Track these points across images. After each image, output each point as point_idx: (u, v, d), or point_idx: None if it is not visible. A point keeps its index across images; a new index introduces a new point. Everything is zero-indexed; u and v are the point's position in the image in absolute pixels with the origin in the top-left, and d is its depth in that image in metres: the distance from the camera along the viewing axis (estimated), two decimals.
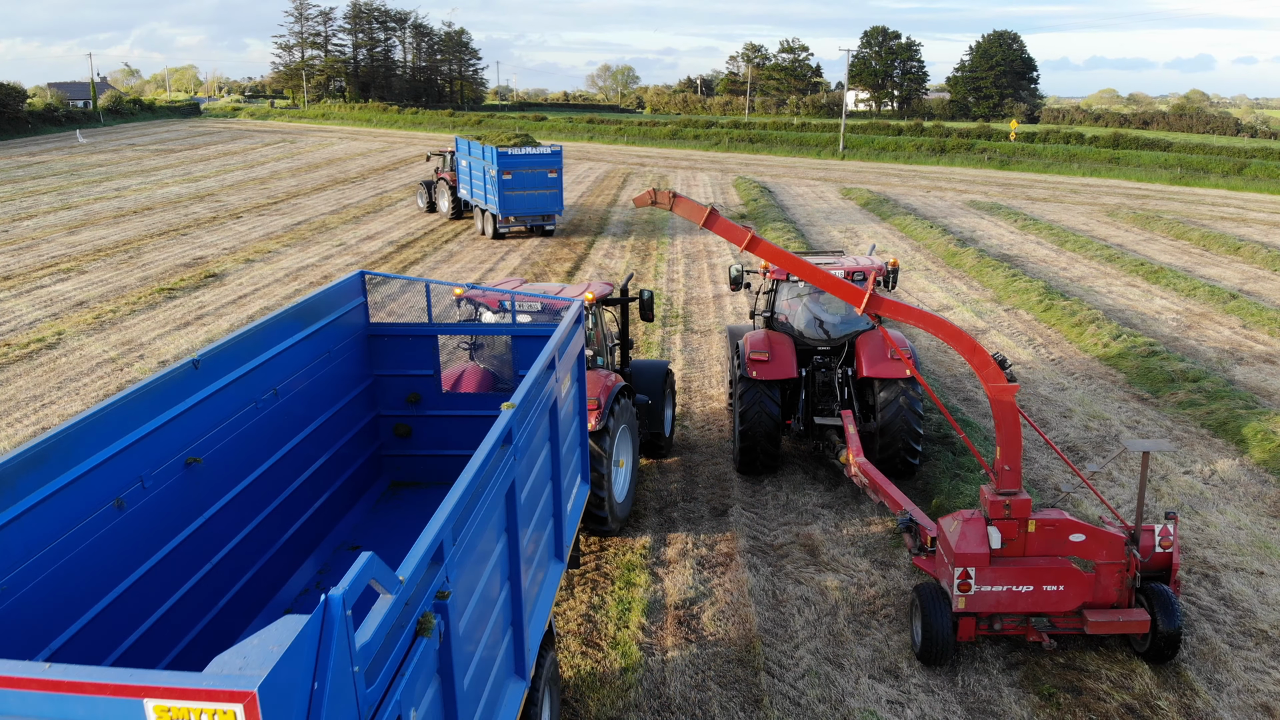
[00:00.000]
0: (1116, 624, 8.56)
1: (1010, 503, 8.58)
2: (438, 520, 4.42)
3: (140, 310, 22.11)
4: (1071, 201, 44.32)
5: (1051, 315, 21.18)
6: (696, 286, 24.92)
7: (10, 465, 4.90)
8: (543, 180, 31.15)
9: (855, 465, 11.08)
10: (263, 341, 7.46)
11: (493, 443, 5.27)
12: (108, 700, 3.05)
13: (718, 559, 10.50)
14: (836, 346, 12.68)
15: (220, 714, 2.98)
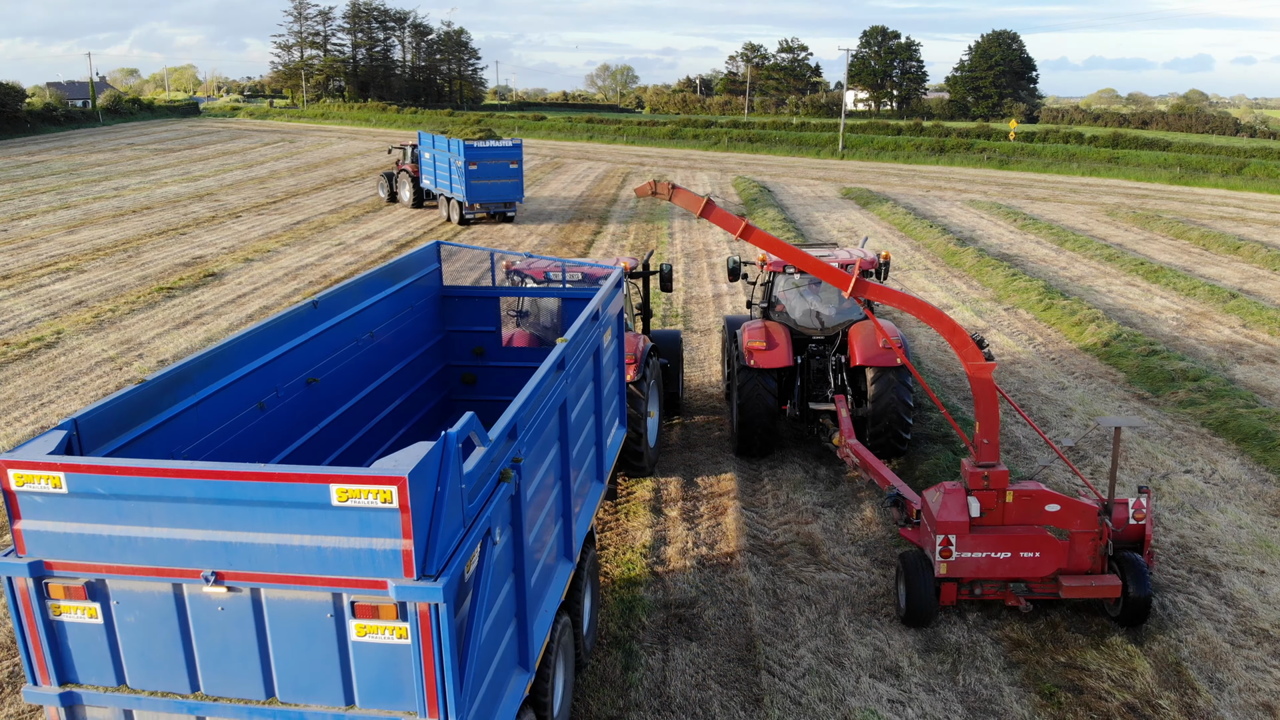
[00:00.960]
0: (1090, 589, 9.00)
1: (989, 474, 9.05)
2: (513, 408, 5.81)
3: (139, 309, 22.09)
4: (1071, 201, 44.31)
5: (1051, 314, 21.17)
6: (696, 285, 24.90)
7: (191, 366, 6.59)
8: (505, 170, 34.03)
9: (847, 446, 11.60)
10: (362, 293, 9.09)
11: (550, 365, 6.69)
12: (307, 485, 4.63)
13: (718, 558, 10.48)
14: (830, 335, 13.25)
15: (382, 493, 4.52)
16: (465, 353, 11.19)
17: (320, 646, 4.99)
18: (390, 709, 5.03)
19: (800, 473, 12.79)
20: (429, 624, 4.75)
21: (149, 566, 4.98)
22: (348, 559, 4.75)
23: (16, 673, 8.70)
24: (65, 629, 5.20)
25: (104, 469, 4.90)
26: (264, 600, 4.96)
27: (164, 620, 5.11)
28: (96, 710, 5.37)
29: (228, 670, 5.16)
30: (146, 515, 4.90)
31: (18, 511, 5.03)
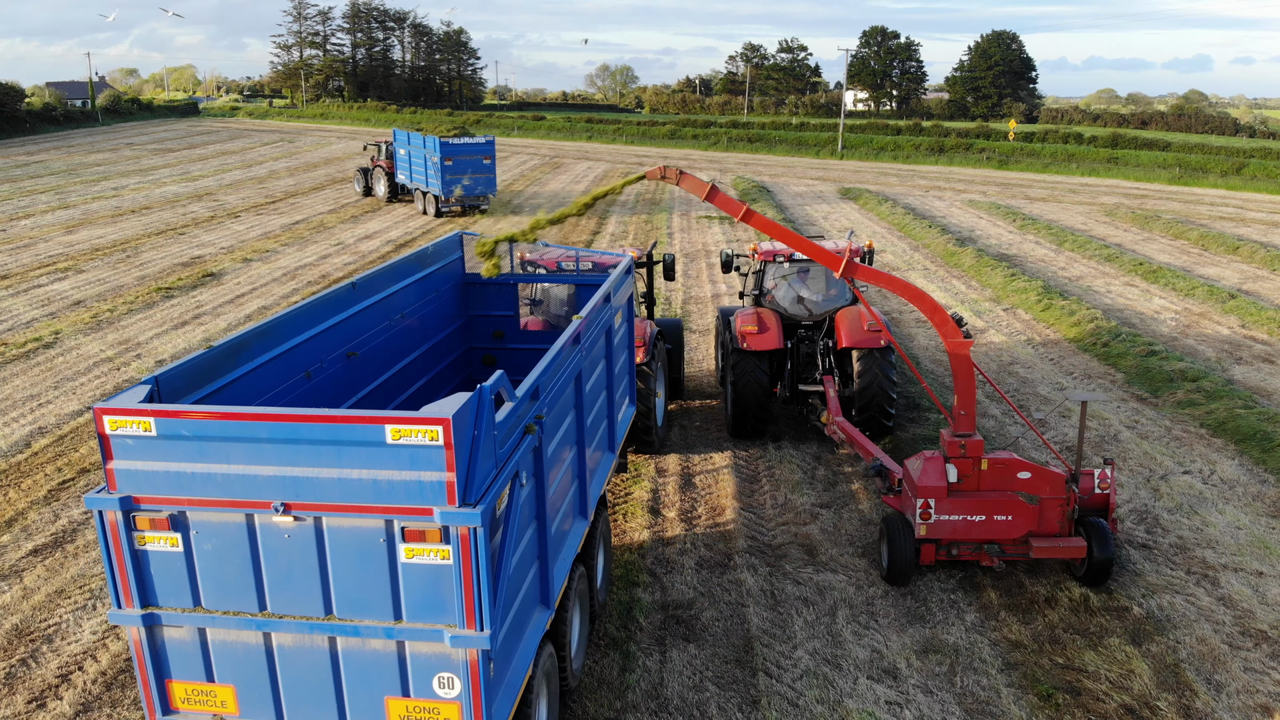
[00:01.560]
0: (1057, 549, 9.72)
1: (965, 443, 9.76)
2: (535, 372, 6.58)
3: (138, 310, 22.06)
4: (1070, 201, 44.30)
5: (1050, 315, 21.15)
6: (695, 286, 24.88)
7: (250, 335, 7.28)
8: (479, 166, 35.99)
9: (835, 424, 12.41)
10: (393, 276, 9.89)
11: (567, 338, 7.45)
12: (365, 426, 5.36)
13: (716, 559, 10.46)
14: (818, 321, 14.08)
15: (429, 432, 5.27)
16: (486, 336, 11.98)
17: (373, 568, 5.69)
18: (433, 622, 5.71)
19: (799, 473, 12.78)
20: (468, 546, 5.49)
21: (225, 499, 5.68)
22: (399, 490, 5.49)
23: None
24: (148, 557, 5.88)
25: (190, 414, 5.64)
26: (325, 528, 5.67)
27: (237, 547, 5.80)
28: (173, 630, 6.03)
29: (292, 591, 5.83)
30: (225, 454, 5.62)
31: (110, 453, 5.73)
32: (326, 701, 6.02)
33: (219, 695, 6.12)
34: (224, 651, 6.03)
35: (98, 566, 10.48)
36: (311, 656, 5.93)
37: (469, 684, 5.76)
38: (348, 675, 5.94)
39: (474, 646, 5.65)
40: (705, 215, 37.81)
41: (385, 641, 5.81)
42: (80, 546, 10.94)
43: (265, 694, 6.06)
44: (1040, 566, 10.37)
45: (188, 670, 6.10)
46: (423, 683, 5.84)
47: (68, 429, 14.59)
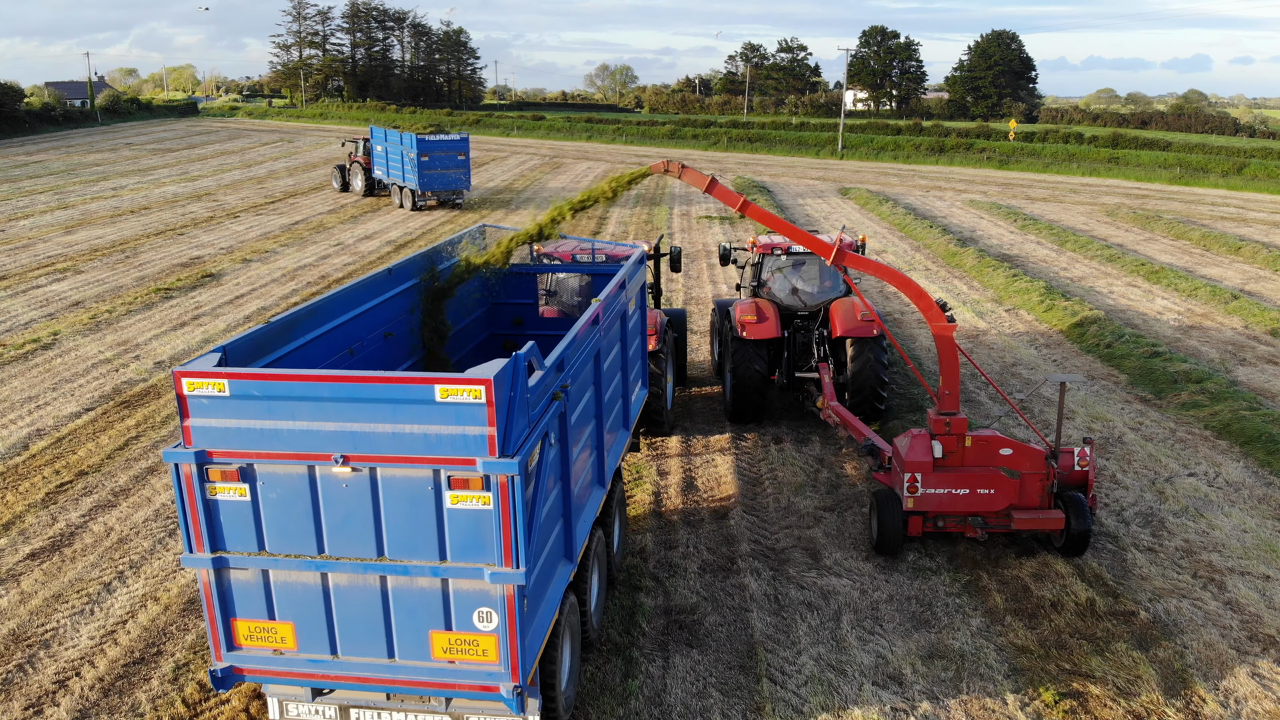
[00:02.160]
0: (1037, 520, 10.26)
1: (950, 421, 10.31)
2: (560, 347, 7.22)
3: (136, 310, 21.97)
4: (1071, 201, 44.22)
5: (1052, 316, 21.07)
6: (696, 286, 24.79)
7: (300, 314, 7.90)
8: (454, 161, 37.29)
9: (829, 408, 13.03)
10: (423, 264, 10.49)
11: (587, 318, 8.10)
12: (417, 386, 5.98)
13: (719, 563, 10.38)
14: (814, 311, 14.62)
15: (473, 390, 5.90)
16: (506, 322, 12.55)
17: (421, 513, 6.28)
18: (474, 561, 6.31)
19: (801, 475, 12.70)
20: (507, 493, 6.13)
21: (290, 452, 6.27)
22: (446, 443, 6.10)
23: None
24: (218, 506, 6.46)
25: (261, 376, 6.25)
26: (379, 477, 6.26)
27: (299, 496, 6.37)
28: (239, 572, 6.60)
29: (348, 535, 6.40)
30: (290, 412, 6.20)
31: (187, 411, 6.30)
32: (376, 635, 6.60)
33: (279, 631, 6.72)
34: (285, 591, 6.61)
35: (95, 570, 10.40)
36: (364, 594, 6.52)
37: (505, 618, 6.36)
38: (396, 611, 6.53)
39: (510, 582, 6.26)
40: (705, 215, 37.73)
41: (431, 579, 6.41)
42: (78, 550, 10.86)
43: (321, 629, 6.65)
44: (1046, 571, 10.30)
45: (251, 609, 6.68)
46: (464, 617, 6.45)
47: (66, 431, 14.50)
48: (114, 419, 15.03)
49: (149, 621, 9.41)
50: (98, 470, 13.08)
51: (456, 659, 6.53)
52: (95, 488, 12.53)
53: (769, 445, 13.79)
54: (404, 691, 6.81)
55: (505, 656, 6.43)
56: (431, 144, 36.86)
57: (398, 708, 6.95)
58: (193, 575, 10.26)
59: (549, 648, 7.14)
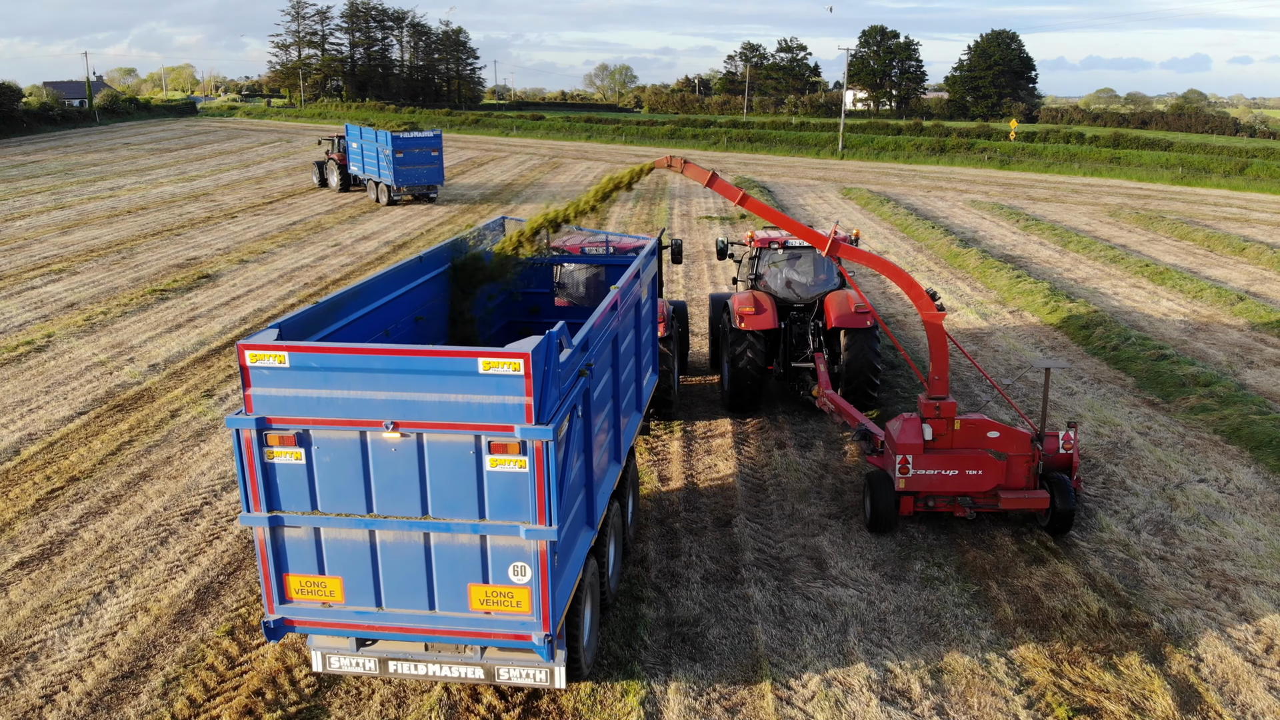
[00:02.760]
0: (1023, 500, 10.68)
1: (940, 406, 10.75)
2: (584, 329, 7.72)
3: (132, 312, 21.75)
4: (1073, 202, 44.02)
5: (1058, 317, 20.86)
6: (697, 288, 24.57)
7: (343, 296, 8.51)
8: (427, 158, 39.09)
9: (824, 396, 13.48)
10: (449, 253, 11.08)
11: (607, 304, 8.58)
12: (460, 359, 6.48)
13: (723, 573, 10.16)
14: (809, 303, 14.99)
15: (513, 363, 6.39)
16: (524, 311, 13.04)
17: (463, 475, 6.82)
18: (511, 519, 6.86)
19: (806, 482, 12.48)
20: (541, 456, 6.67)
21: (344, 419, 6.78)
22: (487, 410, 6.63)
23: None
24: (276, 469, 6.96)
25: (319, 349, 6.78)
26: (425, 442, 6.78)
27: (351, 459, 6.88)
28: (293, 530, 7.11)
29: (395, 495, 6.93)
30: (345, 382, 6.72)
31: (249, 381, 6.80)
32: (419, 588, 7.13)
33: (328, 585, 7.22)
34: (335, 547, 7.13)
35: (85, 580, 10.18)
36: (409, 550, 7.05)
37: (538, 571, 6.92)
38: (438, 565, 7.07)
39: (543, 538, 6.81)
40: (705, 215, 37.52)
41: (471, 536, 6.96)
42: (68, 559, 10.63)
43: (368, 583, 7.16)
44: (1057, 581, 10.08)
45: (303, 564, 7.19)
46: (500, 570, 7.00)
47: (58, 435, 14.27)
48: (107, 423, 14.81)
49: (138, 634, 9.19)
50: (89, 476, 12.85)
51: (492, 610, 7.08)
52: (86, 494, 12.31)
53: (772, 450, 13.57)
54: (442, 641, 7.33)
55: (537, 607, 6.98)
56: (406, 141, 38.53)
57: (434, 658, 7.53)
58: (183, 586, 10.04)
59: (573, 605, 7.64)
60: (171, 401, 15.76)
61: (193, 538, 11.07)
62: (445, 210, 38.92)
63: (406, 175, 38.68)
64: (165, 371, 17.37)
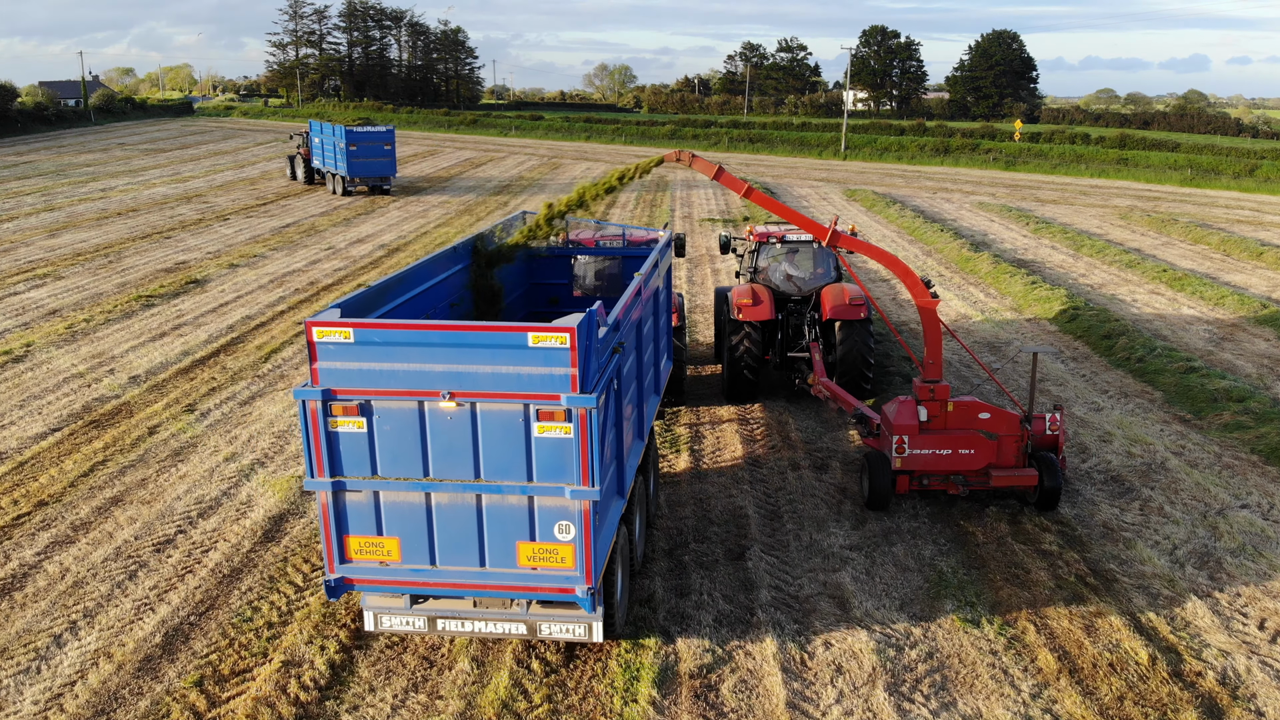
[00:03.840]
0: (1013, 478, 11.20)
1: (934, 389, 11.21)
2: (616, 310, 8.28)
3: (115, 319, 20.94)
4: (1082, 204, 43.23)
5: (1077, 326, 20.06)
6: (701, 294, 23.78)
7: (391, 281, 8.95)
8: (380, 151, 41.09)
9: (820, 383, 13.93)
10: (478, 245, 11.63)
11: (633, 289, 9.03)
12: (512, 334, 7.04)
13: (737, 614, 9.35)
14: (806, 296, 15.42)
15: (560, 337, 6.96)
16: (543, 301, 13.42)
17: (513, 441, 7.33)
18: (556, 481, 7.38)
19: (824, 508, 11.68)
20: (585, 423, 7.19)
21: (403, 389, 7.27)
22: (536, 381, 7.13)
23: None
24: (339, 437, 7.46)
25: (382, 325, 7.27)
26: (478, 411, 7.29)
27: (409, 427, 7.37)
28: (354, 494, 7.60)
29: (450, 460, 7.44)
30: (405, 356, 7.21)
31: (315, 356, 7.30)
32: (470, 546, 7.64)
33: (386, 545, 7.71)
34: (392, 510, 7.63)
35: (46, 620, 9.38)
36: (462, 511, 7.56)
37: (582, 529, 7.44)
38: (489, 525, 7.57)
39: (587, 498, 7.34)
40: (708, 218, 36.74)
41: (520, 497, 7.45)
42: (30, 595, 9.83)
43: (423, 543, 7.66)
44: (1099, 622, 9.29)
45: (362, 526, 7.68)
46: (546, 529, 7.50)
47: (29, 455, 13.47)
48: (81, 441, 14.01)
49: (99, 683, 8.38)
50: (58, 500, 12.05)
51: (539, 565, 7.58)
52: (54, 520, 11.50)
53: (786, 472, 12.77)
54: (491, 595, 7.84)
55: (580, 563, 7.51)
56: (359, 135, 40.67)
57: (480, 615, 8.01)
58: (150, 627, 9.23)
59: (608, 567, 8.14)
60: (150, 417, 14.95)
61: (164, 571, 10.27)
62: (441, 212, 38.12)
63: (359, 167, 40.80)
64: (146, 384, 16.57)
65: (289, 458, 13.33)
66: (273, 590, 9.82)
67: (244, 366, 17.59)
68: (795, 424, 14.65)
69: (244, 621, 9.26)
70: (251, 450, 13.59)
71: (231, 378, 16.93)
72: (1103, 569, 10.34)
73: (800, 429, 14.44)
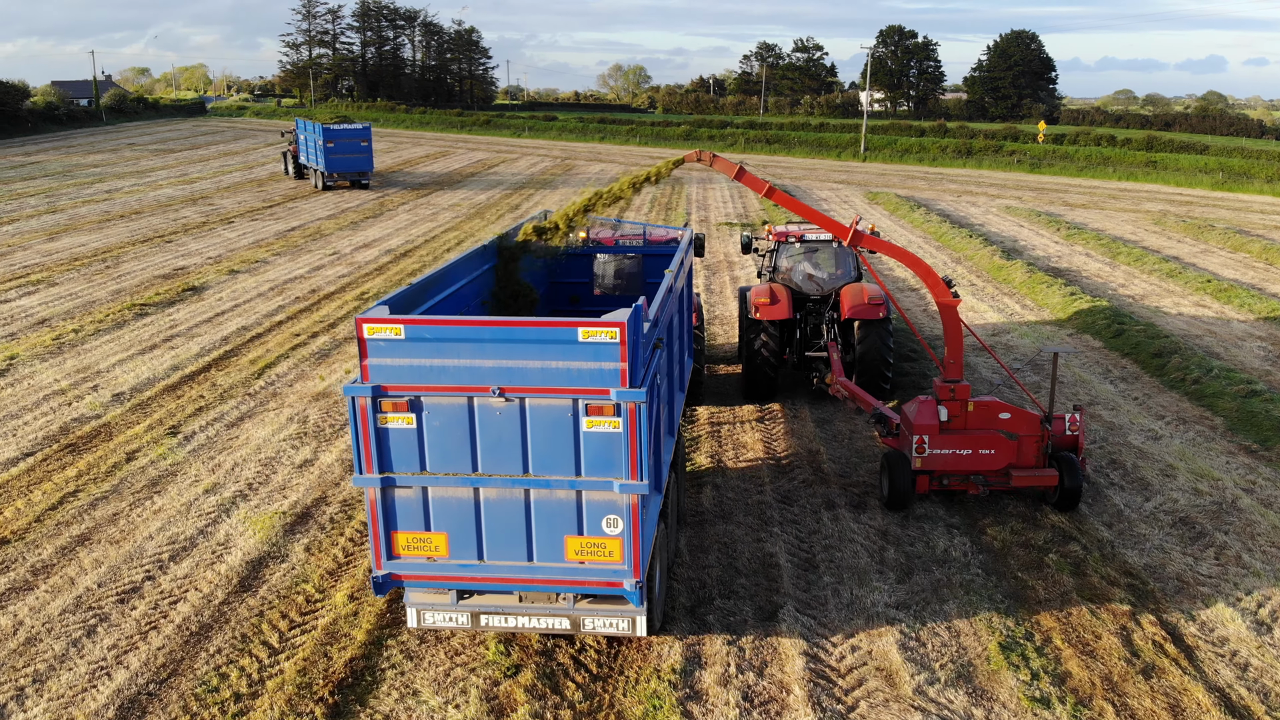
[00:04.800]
0: (1034, 478, 11.13)
1: (954, 388, 11.16)
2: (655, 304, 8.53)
3: (105, 330, 19.94)
4: (1113, 208, 41.79)
5: (1124, 343, 18.75)
6: (719, 303, 22.61)
7: (431, 279, 9.17)
8: (357, 148, 43.27)
9: (838, 383, 13.89)
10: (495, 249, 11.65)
11: (667, 286, 9.29)
12: (562, 329, 7.26)
13: (768, 692, 8.17)
14: (825, 295, 15.35)
15: (610, 332, 7.15)
16: (564, 301, 13.48)
17: (562, 436, 7.33)
18: (605, 476, 7.39)
19: (864, 556, 10.47)
20: (635, 417, 7.22)
21: (454, 385, 7.28)
22: (585, 376, 7.16)
23: None
24: (388, 433, 7.46)
25: (433, 321, 7.27)
26: (528, 406, 7.30)
27: (459, 423, 7.39)
28: (403, 490, 7.61)
29: (498, 455, 7.44)
30: (456, 352, 7.21)
31: (365, 352, 7.29)
32: (518, 541, 7.65)
33: (433, 541, 7.73)
34: (441, 505, 7.65)
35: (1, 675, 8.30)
36: (510, 506, 7.57)
37: (630, 523, 7.48)
38: (537, 519, 7.59)
39: (635, 492, 7.38)
40: (725, 222, 35.55)
41: (568, 492, 7.49)
42: None
43: (471, 538, 7.68)
44: (1184, 700, 8.08)
45: (410, 522, 7.68)
46: (594, 523, 7.56)
47: (0, 480, 12.45)
48: (54, 467, 12.97)
49: None
50: (21, 538, 10.99)
51: (586, 559, 7.61)
52: (13, 562, 10.44)
53: (820, 512, 11.57)
54: (538, 590, 7.79)
55: (629, 556, 7.54)
56: (335, 132, 42.87)
57: (524, 610, 7.94)
58: (104, 698, 8.13)
59: (652, 559, 8.17)
60: (130, 440, 13.90)
61: (125, 627, 9.18)
62: (451, 215, 37.10)
63: (337, 163, 42.84)
64: (129, 403, 15.53)
65: (274, 490, 12.24)
66: (244, 653, 8.71)
67: (235, 383, 16.54)
68: (827, 454, 13.46)
69: (209, 692, 8.16)
70: (234, 480, 12.51)
71: (220, 396, 15.88)
72: (1182, 633, 9.13)
73: (833, 459, 13.25)
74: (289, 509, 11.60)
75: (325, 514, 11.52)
